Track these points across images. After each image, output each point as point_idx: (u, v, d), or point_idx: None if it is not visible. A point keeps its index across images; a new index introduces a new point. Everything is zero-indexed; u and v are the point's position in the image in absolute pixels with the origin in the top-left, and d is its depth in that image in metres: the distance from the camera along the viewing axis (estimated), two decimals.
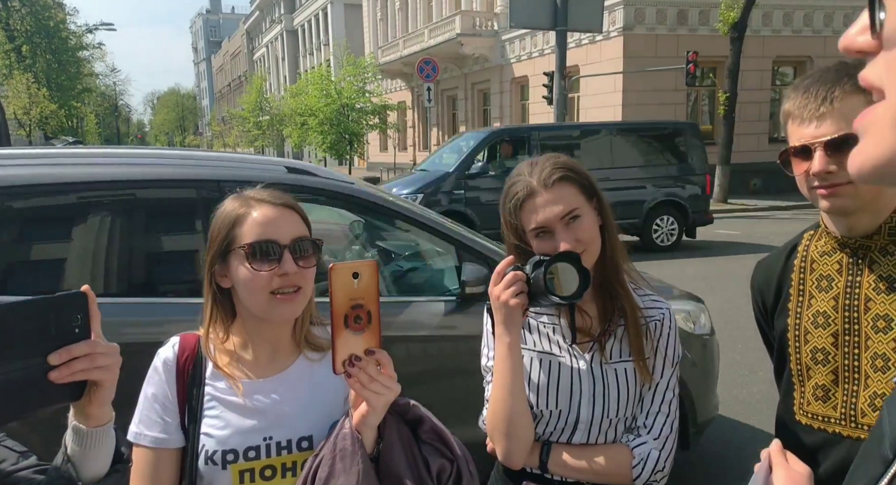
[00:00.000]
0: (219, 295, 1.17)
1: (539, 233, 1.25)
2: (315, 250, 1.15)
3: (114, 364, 0.86)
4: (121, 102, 55.56)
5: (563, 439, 1.31)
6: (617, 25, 17.58)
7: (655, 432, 1.29)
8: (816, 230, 1.30)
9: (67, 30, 32.50)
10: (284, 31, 51.05)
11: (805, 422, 1.26)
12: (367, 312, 0.99)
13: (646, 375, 1.29)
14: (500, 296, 1.20)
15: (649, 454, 1.27)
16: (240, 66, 68.43)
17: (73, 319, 0.83)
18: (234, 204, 1.16)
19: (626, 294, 1.30)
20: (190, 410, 1.14)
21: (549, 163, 1.26)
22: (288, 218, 1.14)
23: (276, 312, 1.13)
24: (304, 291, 1.13)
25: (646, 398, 1.31)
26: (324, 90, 24.94)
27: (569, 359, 1.30)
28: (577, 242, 1.23)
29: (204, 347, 1.17)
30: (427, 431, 1.09)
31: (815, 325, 1.24)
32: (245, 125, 40.12)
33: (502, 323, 1.22)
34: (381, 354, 1.01)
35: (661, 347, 1.31)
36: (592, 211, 1.27)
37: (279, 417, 1.15)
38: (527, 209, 1.25)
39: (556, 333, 1.33)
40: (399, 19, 31.93)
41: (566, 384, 1.29)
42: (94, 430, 0.87)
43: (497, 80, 23.93)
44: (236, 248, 1.12)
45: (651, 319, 1.31)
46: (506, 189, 1.31)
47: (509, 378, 1.23)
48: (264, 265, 1.10)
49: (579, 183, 1.26)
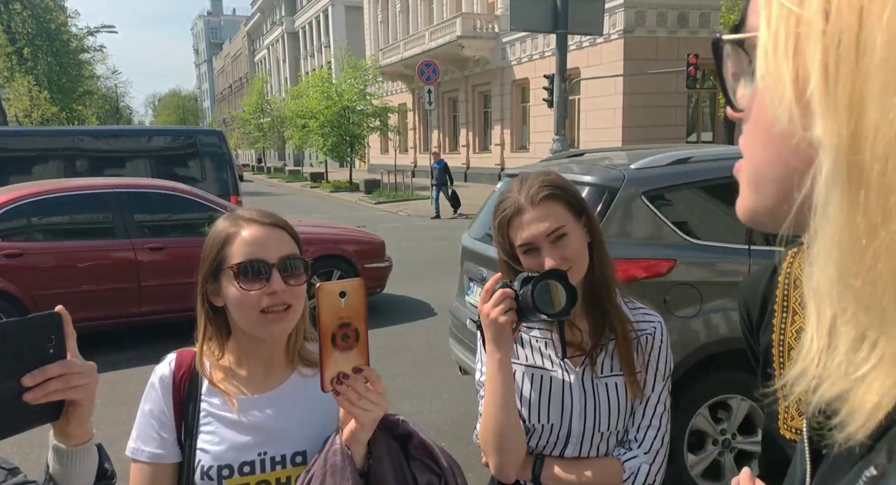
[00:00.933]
0: (212, 313, 1.18)
1: (526, 250, 1.27)
2: (305, 269, 1.17)
3: (91, 383, 0.87)
4: (122, 104, 55.61)
5: (556, 452, 1.33)
6: (617, 28, 17.60)
7: (646, 445, 1.30)
8: (800, 247, 1.31)
9: (69, 32, 32.55)
10: (285, 33, 51.13)
11: (789, 437, 1.28)
12: (355, 330, 1.01)
13: (636, 390, 1.30)
14: (490, 313, 1.21)
15: (640, 468, 1.28)
16: (241, 67, 68.53)
17: (48, 340, 0.83)
18: (225, 224, 1.17)
19: (615, 309, 1.31)
20: (186, 425, 1.16)
21: (538, 180, 1.28)
22: (276, 237, 1.15)
23: (266, 331, 1.14)
24: (294, 308, 1.15)
25: (637, 412, 1.32)
26: (324, 92, 24.97)
27: (560, 373, 1.32)
28: (563, 259, 1.24)
29: (198, 364, 1.19)
30: (416, 446, 1.10)
31: (799, 340, 1.26)
32: (246, 127, 40.16)
33: (492, 340, 1.24)
34: (370, 371, 1.02)
35: (653, 360, 1.32)
36: (580, 228, 1.28)
37: (274, 432, 1.16)
38: (514, 226, 1.27)
39: (547, 347, 1.34)
40: (400, 21, 31.97)
41: (557, 398, 1.31)
42: (74, 449, 0.88)
43: (498, 82, 23.96)
44: (226, 268, 1.13)
45: (643, 333, 1.32)
46: (495, 206, 1.33)
47: (500, 395, 1.24)
48: (253, 284, 1.11)
49: (566, 201, 1.28)
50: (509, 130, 23.68)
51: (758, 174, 0.44)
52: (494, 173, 23.37)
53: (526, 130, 23.00)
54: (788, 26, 0.38)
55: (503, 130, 23.97)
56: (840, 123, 0.35)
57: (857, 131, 0.34)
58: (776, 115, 0.39)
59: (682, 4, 17.89)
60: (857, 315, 0.37)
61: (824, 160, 0.36)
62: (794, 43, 0.37)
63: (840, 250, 0.36)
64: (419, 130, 30.51)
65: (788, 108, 0.38)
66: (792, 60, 0.38)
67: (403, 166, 24.84)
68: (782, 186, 0.41)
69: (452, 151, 27.26)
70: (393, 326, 6.13)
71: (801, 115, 0.37)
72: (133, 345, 5.92)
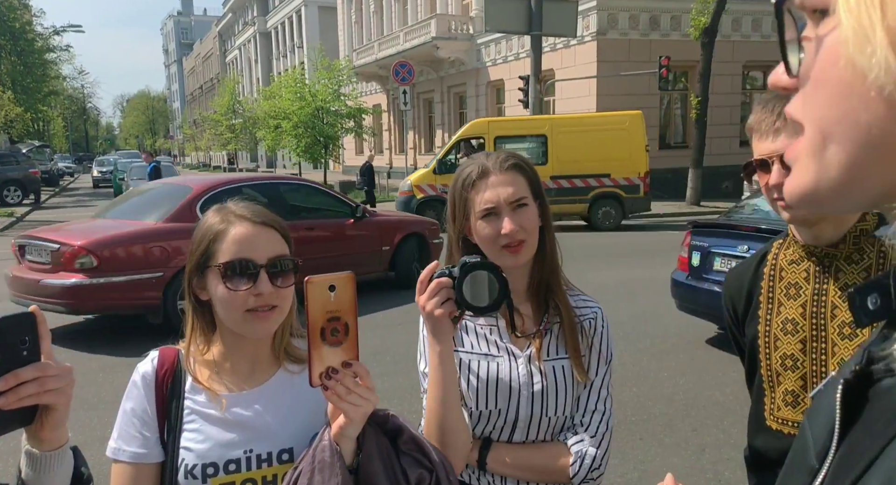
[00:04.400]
0: (198, 307, 1.16)
1: (487, 213, 1.26)
2: (294, 269, 1.14)
3: (66, 386, 0.83)
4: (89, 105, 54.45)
5: (504, 437, 1.33)
6: (591, 30, 17.78)
7: (592, 430, 1.31)
8: (785, 239, 1.33)
9: (34, 31, 31.76)
10: (257, 33, 50.60)
11: (776, 427, 1.29)
12: (345, 324, 0.99)
13: (581, 372, 1.31)
14: (426, 306, 1.17)
15: (586, 452, 1.28)
16: (212, 68, 67.61)
17: (21, 342, 0.79)
18: (216, 218, 1.14)
19: (560, 294, 1.33)
20: (169, 424, 1.13)
21: (505, 153, 1.32)
22: (266, 236, 1.12)
23: (251, 330, 1.12)
24: (280, 308, 1.13)
25: (582, 397, 1.33)
26: (298, 93, 24.74)
27: (507, 358, 1.32)
28: (521, 227, 1.25)
29: (184, 362, 1.16)
30: (406, 441, 1.08)
31: (785, 332, 1.27)
32: (217, 128, 39.59)
33: (431, 332, 1.20)
34: (359, 366, 1.00)
35: (596, 344, 1.34)
36: (536, 208, 1.30)
37: (259, 429, 1.14)
38: (478, 188, 1.27)
39: (493, 333, 1.34)
40: (374, 22, 31.87)
41: (504, 384, 1.31)
42: (48, 453, 0.85)
43: (473, 83, 24.02)
44: (213, 265, 1.11)
45: (585, 318, 1.34)
46: (458, 172, 1.33)
47: (442, 389, 1.22)
48: (240, 285, 1.09)
49: (529, 178, 1.31)
50: None
51: (822, 138, 0.40)
52: None
53: None
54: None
55: None
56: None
57: None
58: (868, 66, 0.36)
59: (653, 7, 18.15)
60: None
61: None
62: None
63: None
64: (394, 131, 30.41)
65: (884, 57, 0.35)
66: (879, 8, 0.35)
67: (378, 168, 24.72)
68: (850, 149, 0.38)
69: (428, 151, 27.22)
70: (372, 328, 6.09)
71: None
72: (106, 345, 5.78)
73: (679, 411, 4.14)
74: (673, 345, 5.43)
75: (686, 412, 4.12)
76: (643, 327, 5.94)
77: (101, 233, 6.10)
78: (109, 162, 33.38)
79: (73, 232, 6.27)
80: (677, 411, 4.15)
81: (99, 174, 33.18)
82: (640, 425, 3.97)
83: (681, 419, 4.02)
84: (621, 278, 7.79)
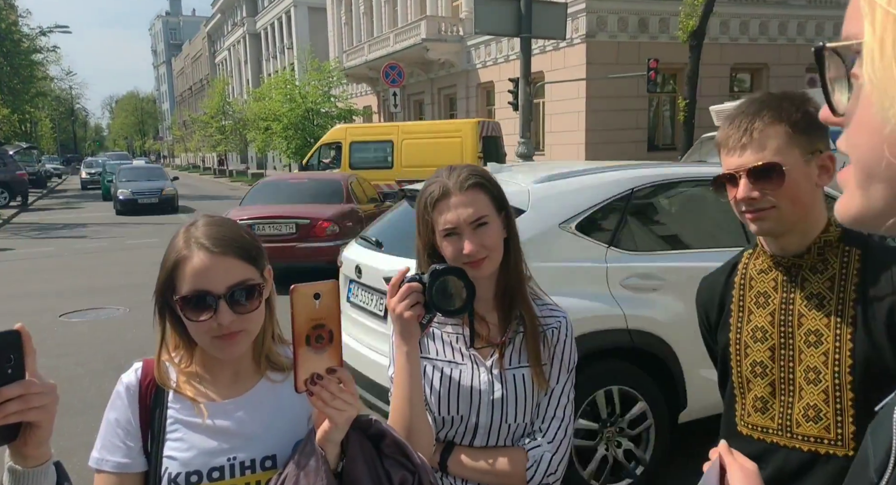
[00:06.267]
0: (178, 323, 1.16)
1: (448, 233, 1.30)
2: (258, 293, 1.13)
3: (51, 403, 0.84)
4: (77, 106, 54.02)
5: (465, 442, 1.37)
6: (580, 33, 17.86)
7: (550, 436, 1.35)
8: (755, 249, 1.37)
9: (20, 32, 31.43)
10: (247, 34, 50.39)
11: (746, 433, 1.33)
12: (329, 331, 1.01)
13: (541, 381, 1.35)
14: (396, 308, 1.22)
15: (542, 457, 1.33)
16: (201, 69, 67.27)
17: (6, 360, 0.80)
18: (180, 242, 1.13)
19: (525, 303, 1.36)
20: (152, 433, 1.14)
21: (467, 170, 1.34)
22: (225, 265, 1.10)
23: (219, 353, 1.13)
24: (246, 331, 1.13)
25: (542, 404, 1.37)
26: (288, 95, 24.68)
27: (470, 366, 1.36)
28: (482, 246, 1.28)
29: (157, 374, 1.17)
30: (389, 444, 1.11)
31: (754, 339, 1.31)
32: (207, 130, 39.41)
33: (399, 334, 1.26)
34: (343, 372, 1.03)
35: (558, 353, 1.38)
36: (500, 222, 1.33)
37: (243, 436, 1.16)
38: (439, 209, 1.30)
39: (458, 341, 1.38)
40: (364, 23, 31.85)
41: (466, 391, 1.35)
42: (31, 470, 0.86)
43: (463, 85, 24.06)
44: (174, 298, 1.11)
45: (548, 327, 1.38)
46: (423, 188, 1.36)
47: (408, 388, 1.26)
48: (200, 315, 1.09)
49: (491, 193, 1.33)
50: None
51: (866, 175, 0.45)
52: None
53: None
54: (895, 31, 0.39)
55: None
56: None
57: None
58: (886, 117, 0.40)
59: (642, 10, 18.27)
60: None
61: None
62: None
63: None
64: None
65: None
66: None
67: None
68: (892, 186, 0.43)
69: None
70: None
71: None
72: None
73: None
74: None
75: None
76: None
77: (330, 211, 8.53)
78: (98, 164, 33.13)
79: (307, 212, 8.45)
80: None
81: (87, 176, 32.94)
82: None
83: None
84: None
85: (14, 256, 11.73)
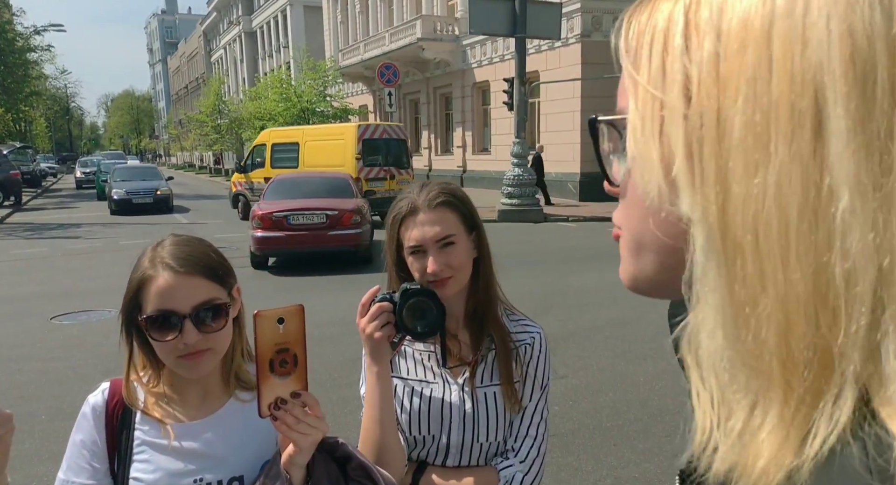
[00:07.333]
0: (145, 343, 1.15)
1: (414, 250, 1.29)
2: (224, 313, 1.13)
3: (6, 434, 0.84)
4: (73, 105, 53.83)
5: (438, 462, 1.35)
6: (575, 32, 17.85)
7: (522, 455, 1.33)
8: None
9: (14, 31, 31.27)
10: (243, 32, 50.28)
11: None
12: (293, 355, 1.00)
13: (512, 399, 1.33)
14: (366, 329, 1.21)
15: (514, 477, 1.31)
16: (197, 68, 67.11)
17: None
18: (146, 261, 1.13)
19: (496, 323, 1.35)
20: (119, 454, 1.13)
21: (438, 187, 1.32)
22: (190, 285, 1.10)
23: (185, 372, 1.13)
24: (213, 350, 1.12)
25: (515, 422, 1.35)
26: (283, 94, 24.61)
27: (441, 385, 1.34)
28: (447, 266, 1.27)
29: (125, 394, 1.16)
30: (354, 467, 1.10)
31: None
32: (203, 128, 39.30)
33: (369, 355, 1.24)
34: (307, 396, 1.02)
35: (531, 370, 1.36)
36: (469, 242, 1.32)
37: (210, 458, 1.14)
38: (406, 225, 1.29)
39: (430, 360, 1.37)
40: (360, 23, 31.79)
41: (437, 410, 1.33)
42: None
43: (459, 84, 24.03)
44: (139, 317, 1.11)
45: (521, 343, 1.36)
46: (393, 204, 1.35)
47: (379, 409, 1.24)
48: (166, 336, 1.09)
49: (461, 212, 1.31)
50: (471, 132, 23.78)
51: (636, 245, 0.47)
52: (457, 175, 23.43)
53: (487, 132, 23.13)
54: (653, 109, 0.41)
55: (465, 132, 24.05)
56: (708, 199, 0.37)
57: (727, 206, 0.36)
58: (646, 192, 0.42)
59: None
60: (749, 381, 0.38)
61: (697, 234, 0.38)
62: (658, 125, 0.40)
63: (724, 317, 0.38)
64: None
65: (657, 185, 0.40)
66: (658, 141, 0.40)
67: None
68: (659, 256, 0.45)
69: (415, 152, 27.21)
70: (351, 333, 6.09)
71: (669, 192, 0.40)
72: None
73: (653, 417, 4.17)
74: (650, 350, 5.47)
75: (660, 418, 4.15)
76: (620, 332, 5.98)
77: (351, 204, 9.76)
78: (93, 163, 33.02)
79: (333, 204, 9.60)
80: (651, 416, 4.18)
81: (82, 175, 32.81)
82: (615, 430, 4.00)
83: (655, 425, 4.05)
84: (603, 283, 7.82)
85: (6, 256, 11.67)
